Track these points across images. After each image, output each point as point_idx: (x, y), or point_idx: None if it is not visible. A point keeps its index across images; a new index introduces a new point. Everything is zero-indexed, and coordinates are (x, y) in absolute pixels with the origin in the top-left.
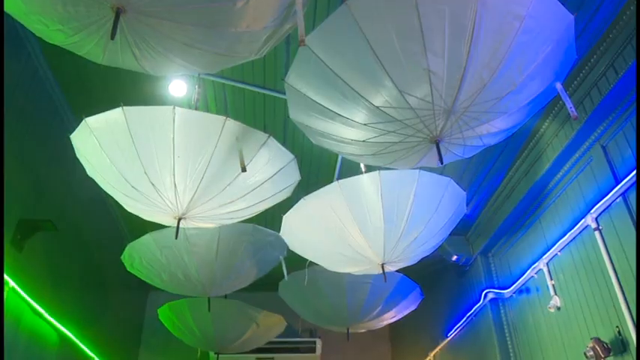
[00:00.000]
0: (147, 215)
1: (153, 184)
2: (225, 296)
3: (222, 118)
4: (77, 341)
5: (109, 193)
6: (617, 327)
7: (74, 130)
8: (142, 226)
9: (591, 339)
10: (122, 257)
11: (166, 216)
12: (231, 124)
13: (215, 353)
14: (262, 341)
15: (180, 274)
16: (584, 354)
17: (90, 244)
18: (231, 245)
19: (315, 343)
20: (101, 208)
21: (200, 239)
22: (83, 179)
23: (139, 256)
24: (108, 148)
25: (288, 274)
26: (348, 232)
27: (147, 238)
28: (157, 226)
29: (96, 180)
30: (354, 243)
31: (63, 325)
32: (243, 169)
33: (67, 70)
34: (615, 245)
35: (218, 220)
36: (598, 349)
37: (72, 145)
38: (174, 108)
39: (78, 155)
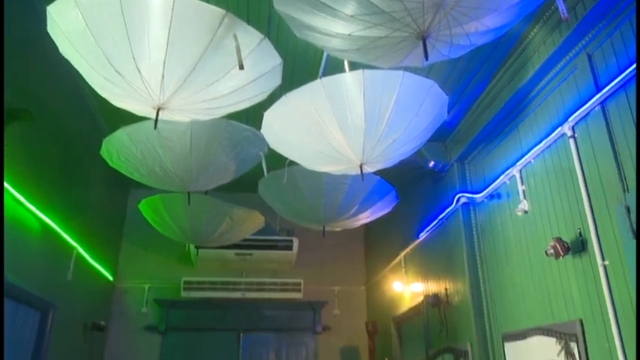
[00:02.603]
0: (120, 101)
1: (139, 70)
2: (206, 192)
3: (222, 11)
4: (60, 230)
5: (84, 74)
6: (578, 229)
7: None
8: (119, 119)
9: (553, 239)
10: (102, 152)
11: (143, 105)
12: (230, 20)
13: (195, 247)
14: (240, 236)
15: (158, 169)
16: (545, 252)
17: (69, 137)
18: (204, 140)
19: (292, 241)
20: (78, 100)
21: (172, 133)
22: (58, 68)
23: (116, 151)
24: (94, 26)
25: (268, 172)
26: (329, 131)
27: (120, 133)
28: (134, 120)
29: (70, 59)
30: (334, 142)
31: (45, 214)
32: (241, 67)
33: None
34: (587, 153)
35: (195, 114)
36: (558, 247)
37: (47, 33)
38: None
39: (50, 29)
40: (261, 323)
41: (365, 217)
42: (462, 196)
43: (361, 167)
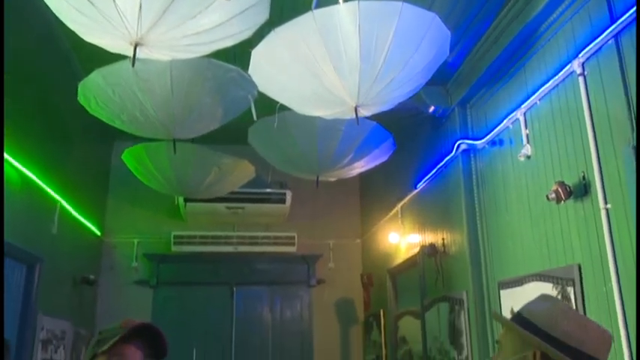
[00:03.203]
0: (92, 36)
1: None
2: (192, 140)
3: None
4: (41, 183)
5: (51, 4)
6: (582, 172)
7: None
8: (95, 61)
9: (555, 183)
10: (79, 98)
11: (119, 40)
12: None
13: (183, 200)
14: (230, 187)
15: (139, 114)
16: (546, 196)
17: (44, 83)
18: (186, 81)
19: (285, 194)
20: (50, 41)
21: (151, 74)
22: (26, 6)
23: (93, 97)
24: None
25: (257, 118)
26: (321, 70)
27: (95, 76)
28: (110, 61)
29: None
30: (327, 81)
31: (25, 166)
32: None
33: None
34: (597, 91)
35: (176, 51)
36: (560, 191)
37: None
38: None
39: None
40: (255, 277)
41: (360, 166)
42: (463, 142)
43: (356, 110)
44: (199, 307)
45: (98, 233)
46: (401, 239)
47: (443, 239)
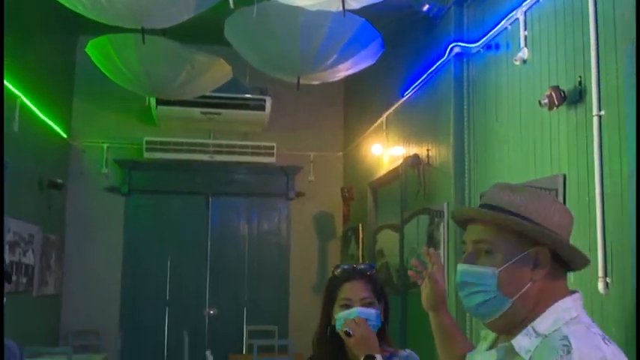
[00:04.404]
0: None
1: None
2: (164, 33)
3: None
4: None
5: None
6: (579, 77)
7: None
8: None
9: (549, 87)
10: None
11: None
12: None
13: (155, 102)
14: (204, 88)
15: None
16: (539, 102)
17: None
18: None
19: (264, 100)
20: None
21: None
22: None
23: None
24: None
25: (235, 8)
26: None
27: None
28: None
29: None
30: None
31: None
32: None
33: None
34: None
35: None
36: (554, 96)
37: None
38: None
39: None
40: (232, 187)
41: (346, 69)
42: (456, 45)
43: (343, 0)
44: (174, 216)
45: (64, 135)
46: (384, 151)
47: (427, 150)
